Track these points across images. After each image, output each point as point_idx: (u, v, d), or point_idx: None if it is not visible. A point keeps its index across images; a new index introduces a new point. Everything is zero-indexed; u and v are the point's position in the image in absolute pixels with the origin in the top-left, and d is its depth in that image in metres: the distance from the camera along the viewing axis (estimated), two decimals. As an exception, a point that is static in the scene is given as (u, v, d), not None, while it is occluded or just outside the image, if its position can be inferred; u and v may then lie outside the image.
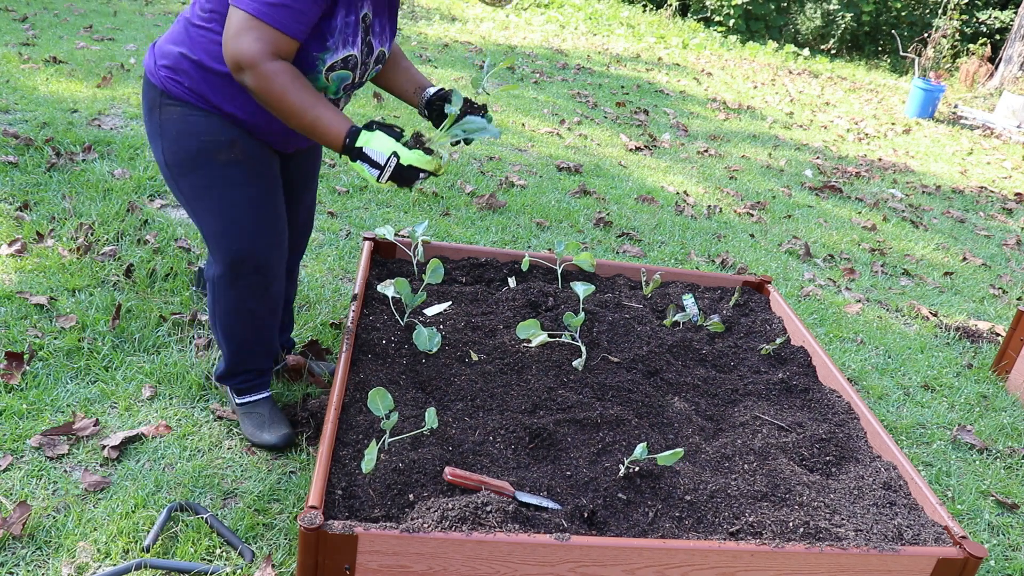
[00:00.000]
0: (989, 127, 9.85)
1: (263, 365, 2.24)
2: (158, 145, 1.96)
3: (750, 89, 9.59)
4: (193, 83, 1.88)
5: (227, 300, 2.06)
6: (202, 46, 1.86)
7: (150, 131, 1.98)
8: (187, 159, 1.92)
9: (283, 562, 1.87)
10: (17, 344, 2.44)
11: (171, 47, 1.90)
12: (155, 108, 1.93)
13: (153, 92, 1.93)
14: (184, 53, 1.87)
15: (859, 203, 5.68)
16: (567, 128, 6.14)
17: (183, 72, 1.88)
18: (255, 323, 2.12)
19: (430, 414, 1.85)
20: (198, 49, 1.86)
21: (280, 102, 1.72)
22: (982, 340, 3.74)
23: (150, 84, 1.94)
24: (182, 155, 1.92)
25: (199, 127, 1.90)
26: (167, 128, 1.92)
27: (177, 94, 1.89)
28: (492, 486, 1.72)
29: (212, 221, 1.97)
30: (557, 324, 2.41)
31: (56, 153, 3.79)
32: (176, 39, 1.91)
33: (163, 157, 1.96)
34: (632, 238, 4.17)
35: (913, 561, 1.71)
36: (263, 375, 2.26)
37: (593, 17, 12.71)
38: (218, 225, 1.96)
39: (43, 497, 1.94)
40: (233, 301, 2.06)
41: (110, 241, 3.12)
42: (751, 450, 2.04)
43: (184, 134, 1.91)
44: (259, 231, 1.99)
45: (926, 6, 14.28)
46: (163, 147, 1.94)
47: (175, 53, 1.88)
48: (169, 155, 1.94)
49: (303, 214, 2.35)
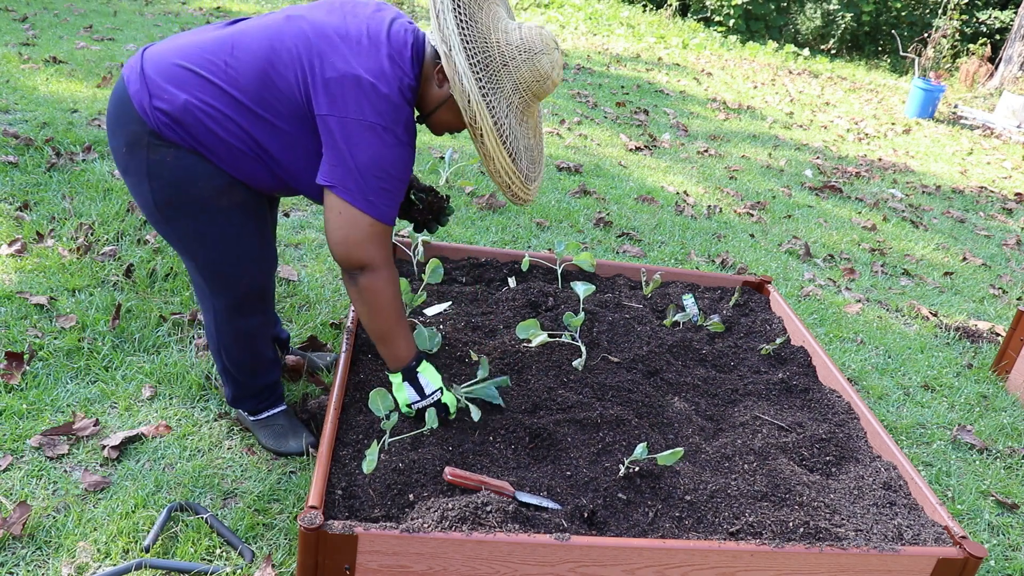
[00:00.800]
0: (989, 127, 9.85)
1: (273, 379, 2.18)
2: (144, 185, 1.78)
3: (750, 89, 9.59)
4: (195, 141, 1.74)
5: (233, 331, 2.00)
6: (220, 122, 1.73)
7: (132, 167, 1.79)
8: (185, 203, 1.79)
9: (283, 562, 1.87)
10: (17, 344, 2.44)
11: (172, 93, 1.71)
12: (140, 145, 1.75)
13: (141, 128, 1.74)
14: (191, 110, 1.71)
15: (859, 203, 5.68)
16: (567, 128, 6.14)
17: (185, 126, 1.72)
18: (258, 345, 2.08)
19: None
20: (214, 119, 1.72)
21: (379, 308, 1.81)
22: (982, 340, 3.74)
23: (139, 119, 1.73)
24: (179, 199, 1.78)
25: (196, 171, 1.76)
26: (159, 171, 1.76)
27: (171, 139, 1.73)
28: (492, 486, 1.72)
29: (215, 260, 1.88)
30: (557, 324, 2.41)
31: (56, 153, 3.79)
32: (182, 86, 1.72)
33: (152, 198, 1.79)
34: (632, 238, 4.17)
35: (913, 561, 1.71)
36: (275, 389, 2.21)
37: (593, 17, 12.71)
38: (222, 264, 1.88)
39: (43, 497, 1.94)
40: (239, 331, 2.01)
41: (110, 241, 3.12)
42: (751, 450, 2.04)
43: (183, 178, 1.76)
44: (262, 263, 1.95)
45: (926, 6, 14.28)
46: (152, 188, 1.77)
47: (179, 103, 1.71)
48: (162, 197, 1.78)
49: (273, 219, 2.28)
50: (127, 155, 1.78)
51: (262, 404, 2.19)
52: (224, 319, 1.98)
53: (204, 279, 1.92)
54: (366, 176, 1.69)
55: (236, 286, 1.92)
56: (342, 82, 1.67)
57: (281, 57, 1.71)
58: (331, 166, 1.70)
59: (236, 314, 1.97)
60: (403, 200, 2.09)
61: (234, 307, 1.96)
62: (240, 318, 1.98)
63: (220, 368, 2.14)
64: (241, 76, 1.71)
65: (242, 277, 1.92)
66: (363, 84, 1.67)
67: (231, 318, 1.98)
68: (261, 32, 1.75)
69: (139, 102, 1.73)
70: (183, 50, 1.76)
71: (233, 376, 2.13)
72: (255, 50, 1.72)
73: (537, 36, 1.80)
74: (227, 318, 1.98)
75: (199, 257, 1.88)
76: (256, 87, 1.71)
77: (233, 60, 1.72)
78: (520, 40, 1.78)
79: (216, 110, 1.72)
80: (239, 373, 2.11)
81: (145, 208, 1.84)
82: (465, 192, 4.33)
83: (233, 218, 1.84)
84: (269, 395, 2.20)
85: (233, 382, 2.14)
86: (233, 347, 2.05)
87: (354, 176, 1.69)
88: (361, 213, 1.71)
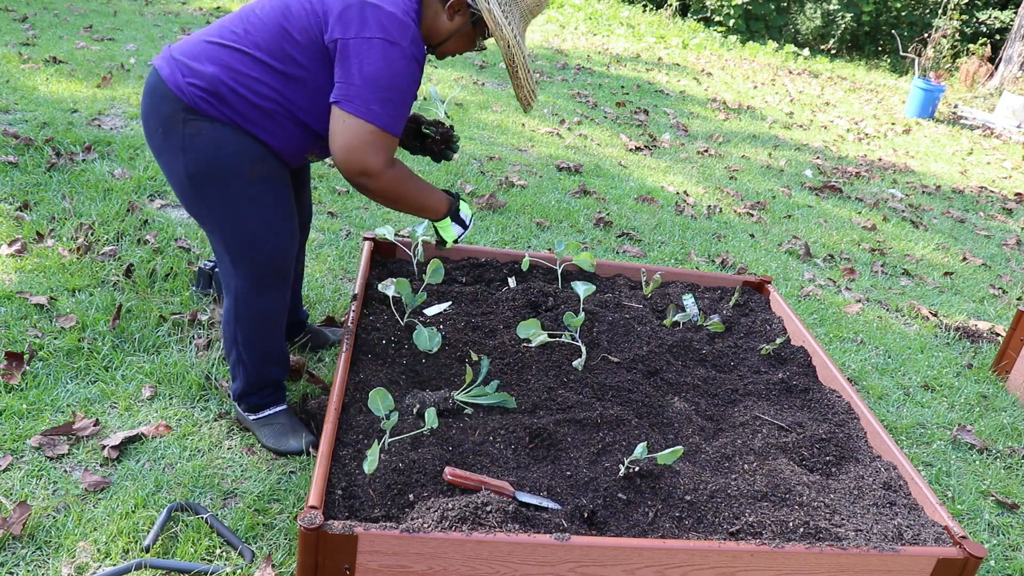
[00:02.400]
0: (989, 127, 9.85)
1: (281, 375, 2.22)
2: (179, 159, 1.90)
3: (750, 89, 9.59)
4: (230, 109, 1.87)
5: (253, 311, 2.05)
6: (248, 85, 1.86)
7: (167, 145, 1.91)
8: (218, 173, 1.89)
9: (283, 562, 1.87)
10: (17, 344, 2.44)
11: (202, 67, 1.86)
12: (176, 122, 1.87)
13: (176, 106, 1.87)
14: (222, 79, 1.85)
15: (859, 203, 5.68)
16: (567, 128, 6.14)
17: (219, 97, 1.86)
18: (275, 330, 2.12)
19: (430, 414, 1.85)
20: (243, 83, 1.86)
21: (398, 200, 1.96)
22: (982, 340, 3.74)
23: (174, 98, 1.87)
24: (212, 169, 1.89)
25: (230, 143, 1.88)
26: (194, 143, 1.87)
27: (207, 112, 1.87)
28: (492, 486, 1.72)
29: (241, 233, 1.95)
30: (557, 324, 2.41)
31: (56, 153, 3.79)
32: (209, 59, 1.87)
33: (185, 171, 1.90)
34: (632, 238, 4.17)
35: (913, 561, 1.71)
36: (280, 387, 2.23)
37: (593, 17, 12.71)
38: (248, 237, 1.96)
39: (43, 497, 1.94)
40: (257, 312, 2.06)
41: (110, 241, 3.13)
42: (751, 450, 2.04)
43: (216, 149, 1.88)
44: (284, 241, 2.02)
45: (926, 6, 14.28)
46: (187, 161, 1.89)
47: (208, 75, 1.85)
48: (195, 168, 1.89)
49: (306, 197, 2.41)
50: (163, 137, 1.90)
51: (265, 400, 2.20)
52: (243, 300, 2.04)
53: (228, 251, 1.99)
54: (370, 87, 1.80)
55: (259, 258, 1.99)
56: (350, 8, 1.81)
57: (292, 10, 1.85)
58: (338, 84, 1.82)
59: (255, 292, 2.03)
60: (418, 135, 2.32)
61: (254, 284, 2.02)
62: (259, 297, 2.04)
63: (233, 360, 2.15)
64: (259, 36, 1.86)
65: (265, 247, 1.99)
66: (368, 5, 1.81)
67: (250, 298, 2.04)
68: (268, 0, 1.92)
69: (173, 82, 1.87)
70: (204, 31, 1.94)
71: (245, 367, 2.14)
72: (268, 11, 1.88)
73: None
74: (246, 299, 2.04)
75: (226, 226, 1.95)
76: (275, 42, 1.85)
77: (249, 25, 1.88)
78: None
79: (243, 75, 1.86)
80: (251, 362, 2.13)
81: (178, 183, 1.95)
82: (465, 192, 4.33)
83: (261, 187, 1.94)
84: (273, 392, 2.21)
85: (244, 374, 2.16)
86: (251, 332, 2.08)
87: (358, 88, 1.80)
88: (363, 122, 1.81)
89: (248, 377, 2.16)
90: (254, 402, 2.20)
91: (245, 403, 2.21)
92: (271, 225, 1.98)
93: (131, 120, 4.49)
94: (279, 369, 2.20)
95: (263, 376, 2.17)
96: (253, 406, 2.21)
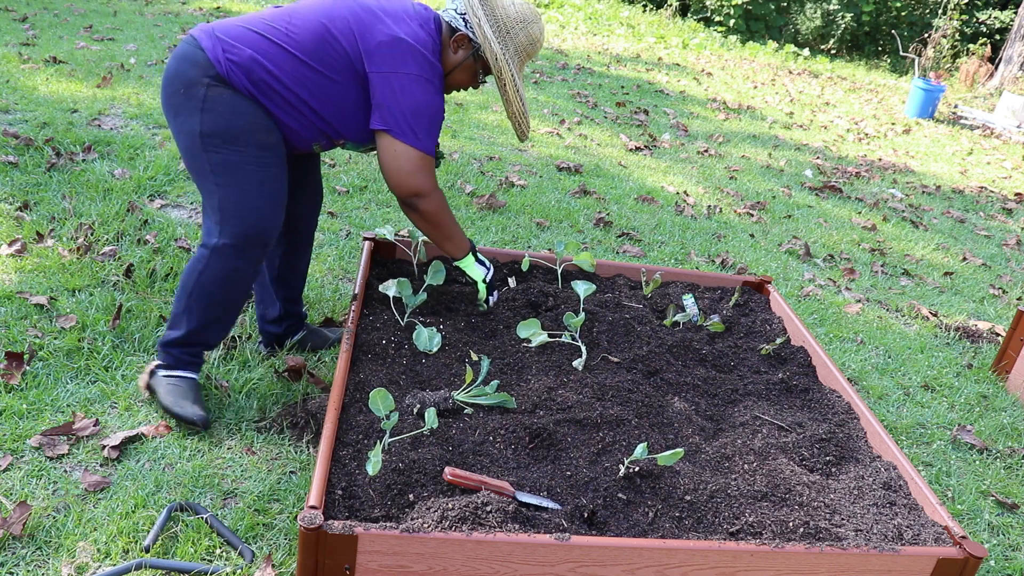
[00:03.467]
0: (989, 127, 9.85)
1: (216, 339, 2.26)
2: (195, 117, 2.03)
3: (750, 89, 9.59)
4: (256, 88, 2.03)
5: (229, 269, 2.13)
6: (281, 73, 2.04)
7: (186, 105, 2.03)
8: (229, 133, 2.03)
9: (283, 562, 1.87)
10: (17, 344, 2.44)
11: (243, 48, 2.02)
12: (200, 85, 2.01)
13: (207, 72, 2.00)
14: (259, 61, 2.02)
15: (859, 203, 5.68)
16: (567, 128, 6.14)
17: (251, 75, 2.02)
18: (239, 294, 2.20)
19: (430, 414, 1.85)
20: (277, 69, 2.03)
21: (439, 224, 2.24)
22: (982, 340, 3.74)
23: (208, 65, 2.00)
24: (224, 128, 2.03)
25: (247, 111, 2.04)
26: (213, 104, 2.01)
27: (235, 83, 2.02)
28: (492, 486, 1.72)
29: (235, 195, 2.07)
30: (557, 324, 2.41)
31: (56, 153, 3.79)
32: (249, 44, 2.03)
33: (200, 128, 2.03)
34: (632, 238, 4.17)
35: (913, 561, 1.71)
36: (208, 350, 2.29)
37: (593, 17, 12.71)
38: (241, 199, 2.07)
39: (43, 497, 1.94)
40: (230, 270, 2.13)
41: (110, 241, 3.13)
42: (751, 450, 2.04)
43: (232, 112, 2.03)
44: (275, 209, 2.14)
45: (926, 6, 14.28)
46: (203, 120, 2.02)
47: (247, 55, 2.02)
48: (209, 127, 2.03)
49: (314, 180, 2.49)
50: (184, 96, 2.03)
51: (188, 359, 2.23)
52: (222, 257, 2.11)
53: (220, 209, 2.09)
54: (413, 117, 2.06)
55: (248, 218, 2.09)
56: (391, 44, 2.04)
57: (336, 24, 2.06)
58: (383, 113, 2.06)
59: (235, 253, 2.11)
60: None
61: (236, 243, 2.10)
62: (237, 257, 2.12)
63: (180, 310, 2.19)
64: (301, 37, 2.05)
65: (256, 212, 2.10)
66: (405, 45, 2.05)
67: (229, 257, 2.11)
68: (315, 6, 2.11)
69: (214, 55, 2.01)
70: (247, 20, 2.10)
71: (189, 319, 2.18)
72: (312, 18, 2.07)
73: (528, 9, 2.23)
74: (226, 257, 2.11)
75: (223, 184, 2.07)
76: (314, 46, 2.05)
77: (292, 26, 2.06)
78: (516, 12, 2.20)
79: (275, 64, 2.03)
80: (200, 317, 2.18)
81: (189, 141, 2.07)
82: (465, 192, 4.33)
83: (265, 155, 2.09)
84: (198, 354, 2.26)
85: (187, 326, 2.19)
86: (216, 289, 2.15)
87: (405, 118, 2.06)
88: (411, 148, 2.08)
89: (190, 330, 2.19)
90: (176, 355, 2.22)
91: (168, 354, 2.23)
92: (267, 191, 2.10)
93: (131, 120, 4.49)
94: (220, 332, 2.25)
95: (203, 335, 2.22)
96: (172, 362, 2.23)
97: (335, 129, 2.15)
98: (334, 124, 2.13)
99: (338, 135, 2.17)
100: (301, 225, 2.47)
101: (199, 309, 2.17)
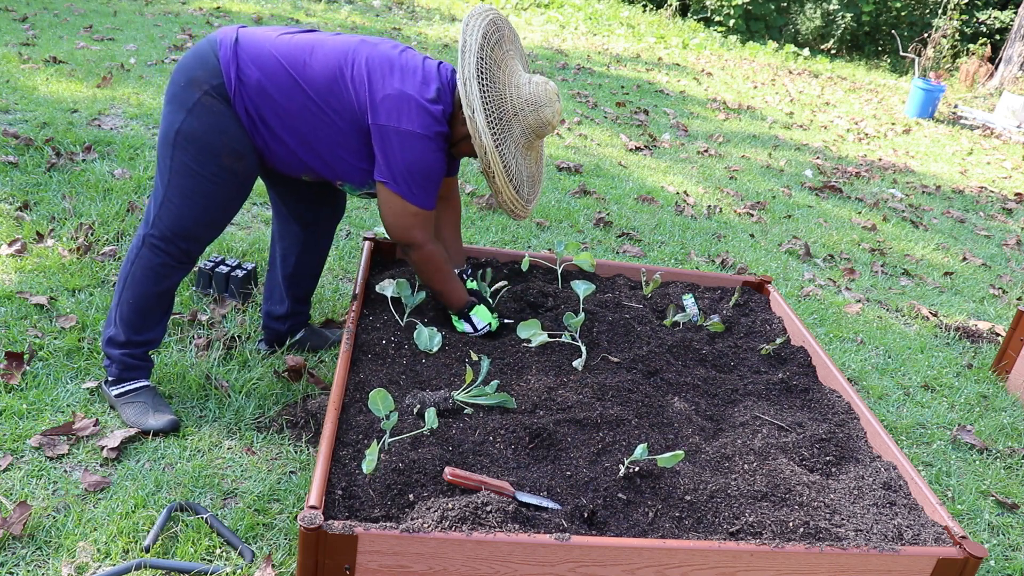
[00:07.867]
0: (989, 127, 9.85)
1: (155, 336, 2.25)
2: (180, 115, 2.04)
3: (750, 89, 9.59)
4: (249, 117, 2.05)
5: (149, 261, 2.15)
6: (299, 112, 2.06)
7: (180, 98, 2.05)
8: (202, 142, 2.04)
9: (283, 562, 1.87)
10: (17, 344, 2.44)
11: (255, 70, 2.03)
12: (199, 88, 2.03)
13: (212, 79, 2.02)
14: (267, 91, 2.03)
15: (859, 203, 5.68)
16: (567, 128, 6.14)
17: (253, 103, 2.04)
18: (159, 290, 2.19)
19: (430, 414, 1.85)
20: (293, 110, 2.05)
21: (434, 274, 2.25)
22: (982, 340, 3.74)
23: (217, 74, 2.02)
24: (199, 137, 2.04)
25: (229, 129, 2.05)
26: (201, 111, 2.03)
27: (231, 98, 2.03)
28: (492, 486, 1.72)
29: (180, 200, 2.09)
30: (557, 324, 2.41)
31: (56, 153, 3.79)
32: (264, 68, 2.03)
33: (178, 127, 2.05)
34: (632, 238, 4.17)
35: (913, 561, 1.71)
36: (150, 349, 2.27)
37: (593, 17, 12.71)
38: (184, 206, 2.10)
39: (43, 497, 1.94)
40: (153, 264, 2.15)
41: (110, 241, 3.13)
42: (751, 450, 2.04)
43: (214, 126, 2.04)
44: (207, 229, 2.17)
45: (926, 6, 14.28)
46: (185, 120, 2.04)
47: (255, 79, 2.03)
48: (188, 131, 2.04)
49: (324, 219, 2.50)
50: (183, 88, 2.05)
51: (132, 359, 2.23)
52: (148, 248, 2.14)
53: (164, 203, 2.11)
54: (412, 174, 2.09)
55: (177, 225, 2.12)
56: (396, 99, 2.05)
57: (352, 70, 2.07)
58: (385, 165, 2.09)
59: (160, 247, 2.14)
60: None
61: (163, 237, 2.13)
62: (162, 252, 2.14)
63: (114, 304, 2.21)
64: (315, 74, 2.06)
65: (191, 221, 2.13)
66: (412, 102, 2.06)
67: (155, 250, 2.14)
68: (339, 46, 2.11)
69: (226, 67, 2.03)
70: (273, 40, 2.10)
71: (121, 316, 2.19)
72: (331, 59, 2.08)
73: (543, 90, 2.22)
74: (151, 248, 2.14)
75: (175, 185, 2.09)
76: (326, 86, 2.06)
77: (312, 60, 2.07)
78: (529, 94, 2.20)
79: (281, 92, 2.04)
80: (130, 313, 2.19)
81: (166, 130, 2.08)
82: (465, 192, 4.33)
83: (225, 177, 2.10)
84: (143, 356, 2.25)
85: (121, 323, 2.20)
86: (140, 280, 2.16)
87: (403, 174, 2.08)
88: (408, 203, 2.11)
89: (124, 319, 2.20)
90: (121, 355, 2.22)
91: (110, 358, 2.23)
92: (209, 208, 2.12)
93: (131, 120, 4.49)
94: (155, 327, 2.25)
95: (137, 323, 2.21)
96: (117, 372, 2.23)
97: (330, 168, 2.15)
98: (328, 163, 2.13)
99: (334, 175, 2.17)
100: (320, 227, 2.47)
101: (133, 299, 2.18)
